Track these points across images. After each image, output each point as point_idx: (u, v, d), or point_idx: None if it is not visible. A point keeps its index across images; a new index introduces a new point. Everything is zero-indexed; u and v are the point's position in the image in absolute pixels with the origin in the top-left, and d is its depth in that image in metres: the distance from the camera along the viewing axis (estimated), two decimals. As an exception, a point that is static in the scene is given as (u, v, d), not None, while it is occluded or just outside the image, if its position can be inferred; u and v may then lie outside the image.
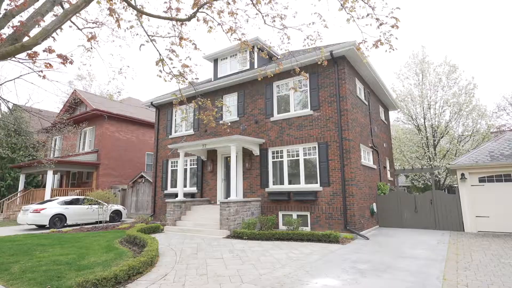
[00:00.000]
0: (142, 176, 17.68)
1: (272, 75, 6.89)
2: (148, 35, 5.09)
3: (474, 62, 59.74)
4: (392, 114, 19.33)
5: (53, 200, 13.47)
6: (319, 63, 6.06)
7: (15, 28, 3.97)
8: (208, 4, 4.46)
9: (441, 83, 16.73)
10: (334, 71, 10.53)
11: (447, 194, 11.43)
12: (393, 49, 4.34)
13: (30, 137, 20.75)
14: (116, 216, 14.86)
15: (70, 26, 5.31)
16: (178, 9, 4.65)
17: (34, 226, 13.12)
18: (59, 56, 3.48)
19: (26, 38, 4.00)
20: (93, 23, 4.68)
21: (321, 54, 6.15)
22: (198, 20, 4.57)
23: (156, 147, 15.59)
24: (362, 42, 4.63)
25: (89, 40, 4.02)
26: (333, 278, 5.15)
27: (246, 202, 10.83)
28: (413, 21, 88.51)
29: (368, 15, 4.26)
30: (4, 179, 19.88)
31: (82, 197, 14.24)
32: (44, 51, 3.50)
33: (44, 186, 19.80)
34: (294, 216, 10.57)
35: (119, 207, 15.33)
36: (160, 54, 5.24)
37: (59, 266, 6.07)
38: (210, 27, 4.83)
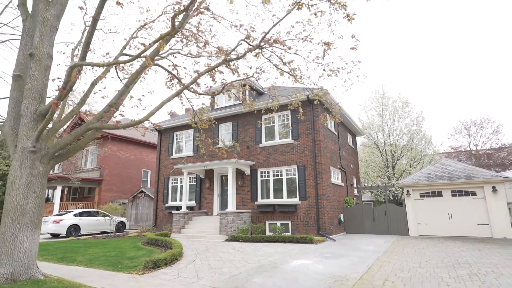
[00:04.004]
0: (142, 191, 19.74)
1: (262, 112, 9.61)
2: (187, 98, 7.78)
3: (430, 92, 66.28)
4: (360, 139, 22.74)
5: (68, 212, 15.35)
6: (298, 117, 8.91)
7: (108, 102, 6.52)
8: (230, 84, 7.21)
9: (398, 115, 20.38)
10: (310, 110, 13.53)
11: (398, 206, 14.53)
12: (340, 120, 7.24)
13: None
14: (121, 226, 16.83)
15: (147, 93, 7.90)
16: (211, 87, 7.36)
17: (50, 236, 14.89)
18: (154, 124, 6.00)
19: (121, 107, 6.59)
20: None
21: (299, 108, 9.00)
22: (223, 93, 7.29)
23: (158, 166, 17.86)
24: (323, 115, 7.59)
25: (169, 114, 6.50)
26: (307, 260, 7.83)
27: (240, 213, 13.36)
28: (376, 58, 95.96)
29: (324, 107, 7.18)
30: (6, 194, 21.18)
31: (93, 209, 16.18)
32: (147, 122, 6.01)
33: (47, 200, 21.27)
34: (278, 224, 13.21)
35: (123, 219, 17.30)
36: (194, 110, 7.91)
37: (112, 257, 8.35)
38: (230, 96, 7.59)
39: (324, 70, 6.08)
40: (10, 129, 5.80)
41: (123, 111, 6.98)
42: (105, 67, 6.84)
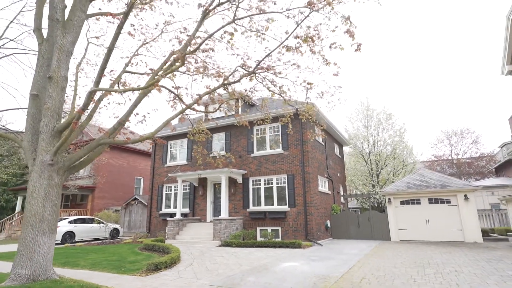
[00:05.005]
0: (135, 199, 20.17)
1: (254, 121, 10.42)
2: (187, 114, 8.53)
3: (414, 103, 68.82)
4: (347, 149, 23.83)
5: (63, 219, 15.70)
6: (288, 131, 9.77)
7: (118, 120, 7.23)
8: (225, 103, 8.01)
9: (382, 126, 21.58)
10: (299, 123, 14.43)
11: (380, 213, 15.49)
12: (325, 137, 8.07)
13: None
14: (115, 233, 17.22)
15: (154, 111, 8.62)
16: (208, 105, 8.16)
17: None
18: (158, 138, 6.70)
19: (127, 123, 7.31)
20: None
21: (289, 124, 9.87)
22: (220, 111, 8.07)
23: (152, 174, 18.38)
24: (309, 132, 8.47)
25: (171, 130, 7.27)
26: (295, 262, 8.60)
27: (232, 219, 14.05)
28: (361, 72, 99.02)
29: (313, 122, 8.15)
30: (-3, 201, 21.24)
31: (88, 217, 16.56)
32: (152, 139, 6.70)
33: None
34: (269, 230, 13.94)
35: (117, 225, 17.69)
36: (193, 125, 8.66)
37: (114, 261, 8.91)
38: (226, 113, 8.41)
39: (307, 102, 6.97)
40: (29, 144, 6.41)
41: (128, 126, 7.67)
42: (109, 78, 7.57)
